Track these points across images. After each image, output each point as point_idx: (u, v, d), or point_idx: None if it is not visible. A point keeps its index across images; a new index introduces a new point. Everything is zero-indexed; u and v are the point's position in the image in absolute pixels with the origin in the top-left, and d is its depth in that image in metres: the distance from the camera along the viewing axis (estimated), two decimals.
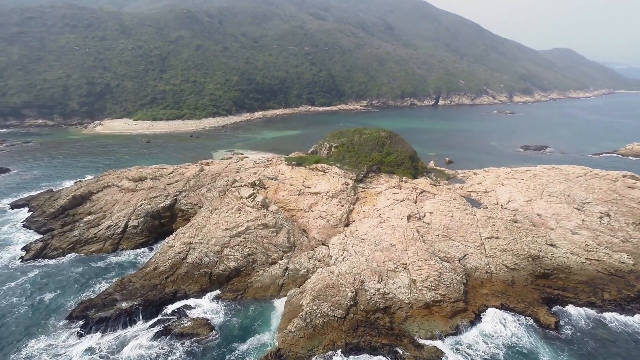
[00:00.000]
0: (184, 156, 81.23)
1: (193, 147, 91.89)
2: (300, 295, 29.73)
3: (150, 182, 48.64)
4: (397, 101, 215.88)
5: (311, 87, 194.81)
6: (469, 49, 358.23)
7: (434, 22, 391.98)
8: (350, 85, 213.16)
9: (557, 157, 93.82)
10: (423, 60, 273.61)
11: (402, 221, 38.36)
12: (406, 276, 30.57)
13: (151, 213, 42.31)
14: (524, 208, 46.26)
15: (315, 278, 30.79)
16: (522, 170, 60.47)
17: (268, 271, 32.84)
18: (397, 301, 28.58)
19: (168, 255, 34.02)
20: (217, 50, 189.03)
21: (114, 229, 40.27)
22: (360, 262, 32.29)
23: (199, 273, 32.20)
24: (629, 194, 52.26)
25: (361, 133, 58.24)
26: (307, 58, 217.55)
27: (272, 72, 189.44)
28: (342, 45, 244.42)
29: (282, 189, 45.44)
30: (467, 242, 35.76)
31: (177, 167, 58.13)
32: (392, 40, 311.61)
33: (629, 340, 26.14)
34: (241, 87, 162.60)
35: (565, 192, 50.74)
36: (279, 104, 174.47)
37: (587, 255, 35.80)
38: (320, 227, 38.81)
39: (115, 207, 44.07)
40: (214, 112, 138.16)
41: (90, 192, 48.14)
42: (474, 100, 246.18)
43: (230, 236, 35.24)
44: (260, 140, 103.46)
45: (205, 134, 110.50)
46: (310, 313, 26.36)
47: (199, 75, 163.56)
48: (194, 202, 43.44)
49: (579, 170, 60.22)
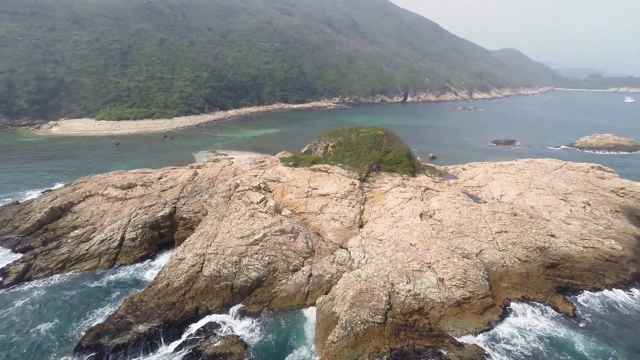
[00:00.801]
0: (162, 159, 76.27)
1: (170, 149, 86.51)
2: (330, 302, 28.91)
3: (141, 189, 44.79)
4: (368, 98, 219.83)
5: (283, 84, 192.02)
6: (430, 48, 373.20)
7: (396, 20, 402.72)
8: (322, 83, 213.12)
9: (526, 151, 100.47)
10: (389, 58, 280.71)
11: (415, 220, 38.76)
12: (433, 275, 30.87)
13: (149, 223, 38.96)
14: (517, 201, 48.84)
15: (343, 283, 30.11)
16: (506, 165, 63.89)
17: (292, 279, 31.55)
18: (428, 301, 28.76)
19: (180, 269, 31.48)
20: (184, 45, 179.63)
21: (108, 243, 36.54)
22: (385, 264, 32.10)
23: (219, 287, 30.12)
24: (601, 184, 57.15)
25: (358, 132, 58.06)
26: (277, 54, 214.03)
27: (243, 68, 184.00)
28: (312, 41, 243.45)
29: (288, 192, 43.97)
30: (480, 238, 36.96)
31: (164, 170, 54.25)
32: (358, 37, 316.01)
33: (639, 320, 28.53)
34: (212, 84, 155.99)
35: (549, 184, 54.32)
36: (252, 101, 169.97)
37: (583, 243, 38.53)
38: (335, 230, 38.07)
39: (106, 219, 40.01)
40: (185, 110, 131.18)
41: (71, 203, 43.32)
42: (438, 97, 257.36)
43: (247, 245, 33.39)
44: (241, 139, 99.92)
45: (179, 134, 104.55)
46: (350, 321, 25.67)
47: (165, 71, 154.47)
48: (196, 210, 40.63)
49: (555, 163, 64.86)
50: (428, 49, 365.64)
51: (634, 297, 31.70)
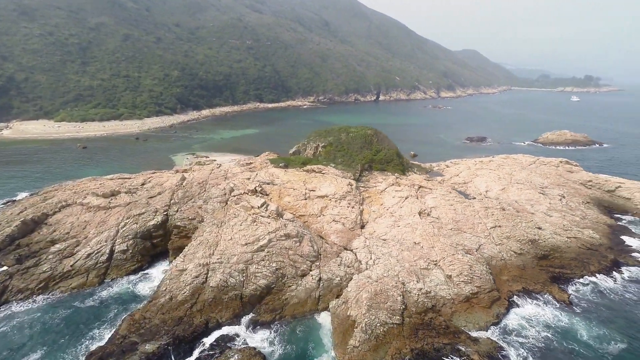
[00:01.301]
0: (139, 162, 71.93)
1: (145, 152, 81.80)
2: (344, 305, 28.67)
3: (126, 196, 41.82)
4: (342, 97, 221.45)
5: (257, 83, 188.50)
6: (398, 47, 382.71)
7: (365, 20, 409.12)
8: (296, 81, 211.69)
9: (497, 147, 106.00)
10: (361, 57, 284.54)
11: (415, 218, 39.46)
12: (440, 273, 31.57)
13: (141, 233, 36.47)
14: (502, 196, 51.31)
15: (355, 285, 29.99)
16: (486, 161, 66.97)
17: (301, 284, 30.89)
18: (440, 298, 29.36)
19: (183, 280, 29.75)
20: (150, 41, 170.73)
21: (96, 257, 33.74)
22: (393, 264, 32.36)
23: (228, 297, 28.80)
24: (571, 177, 61.55)
25: (347, 132, 58.11)
26: (250, 52, 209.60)
27: (215, 67, 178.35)
28: (284, 40, 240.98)
29: (285, 194, 43.05)
30: (477, 233, 38.36)
31: (146, 175, 51.20)
32: (330, 36, 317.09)
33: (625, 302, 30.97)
34: (183, 83, 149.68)
35: (528, 179, 57.60)
36: (225, 100, 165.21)
37: (566, 234, 41.23)
38: (338, 232, 37.80)
39: (90, 231, 36.92)
40: (156, 110, 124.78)
41: (45, 215, 39.54)
42: (409, 96, 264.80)
43: (252, 251, 32.24)
44: (219, 140, 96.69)
45: (152, 136, 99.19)
46: (370, 323, 25.56)
47: (131, 69, 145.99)
48: (191, 217, 38.58)
49: (529, 158, 68.92)
50: (396, 48, 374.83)
51: (617, 282, 34.38)
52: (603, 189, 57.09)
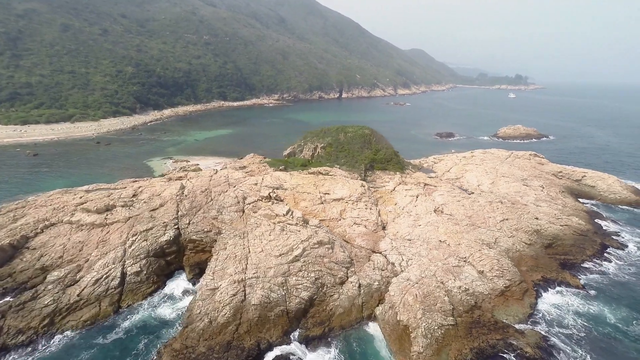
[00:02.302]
0: (109, 170, 64.87)
1: (112, 157, 73.80)
2: (391, 311, 28.46)
3: (123, 210, 37.20)
4: (307, 94, 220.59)
5: (219, 80, 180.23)
6: (354, 46, 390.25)
7: (321, 18, 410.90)
8: (259, 79, 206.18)
9: (465, 142, 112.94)
10: (321, 55, 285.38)
11: (432, 216, 40.43)
12: (472, 269, 32.67)
13: (153, 251, 32.73)
14: (493, 189, 54.69)
15: (397, 289, 29.89)
16: (469, 156, 70.87)
17: (343, 292, 29.99)
18: (478, 294, 30.35)
19: (219, 300, 27.26)
20: (95, 33, 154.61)
21: (106, 283, 29.56)
22: (426, 264, 32.81)
23: (274, 314, 26.97)
24: (543, 168, 67.58)
25: (345, 132, 57.69)
26: (208, 48, 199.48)
27: (172, 63, 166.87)
28: (243, 36, 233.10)
29: (301, 199, 41.49)
30: (490, 227, 40.39)
31: (134, 185, 46.21)
32: (287, 33, 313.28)
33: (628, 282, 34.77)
34: (140, 80, 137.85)
35: (510, 172, 62.04)
36: (187, 99, 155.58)
37: (559, 222, 45.10)
38: (362, 235, 37.37)
39: (89, 253, 32.25)
40: (113, 111, 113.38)
41: (25, 237, 33.82)
42: (370, 93, 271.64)
43: (288, 262, 30.56)
44: (193, 142, 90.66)
45: (115, 139, 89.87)
46: (428, 327, 25.59)
47: (76, 63, 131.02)
48: (206, 229, 35.47)
49: (504, 152, 74.30)
50: (353, 47, 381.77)
51: (612, 263, 38.47)
52: (572, 179, 63.54)
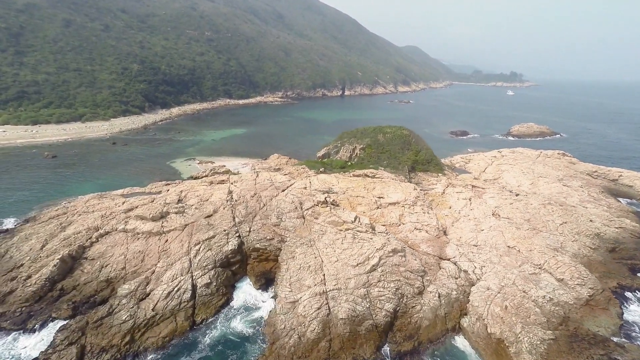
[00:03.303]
0: (135, 172, 62.66)
1: (133, 159, 71.31)
2: (479, 323, 27.42)
3: (178, 217, 35.40)
4: (310, 92, 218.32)
5: (224, 78, 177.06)
6: (353, 42, 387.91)
7: (319, 14, 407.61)
8: (262, 76, 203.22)
9: (481, 140, 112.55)
10: (322, 52, 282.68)
11: (492, 220, 39.45)
12: (550, 277, 31.72)
13: (220, 261, 31.11)
14: (535, 190, 53.97)
15: (480, 299, 28.84)
16: (498, 156, 70.17)
17: (425, 303, 28.80)
18: (564, 304, 29.35)
19: (303, 314, 25.85)
20: (97, 29, 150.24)
21: (178, 296, 27.88)
22: (502, 272, 31.79)
23: (364, 328, 25.67)
24: (577, 168, 67.20)
25: (384, 132, 56.37)
26: (211, 45, 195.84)
27: (177, 60, 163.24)
28: (245, 32, 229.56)
29: (356, 203, 40.12)
30: (552, 231, 39.56)
31: (173, 188, 44.30)
32: (286, 29, 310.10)
33: None
34: (146, 78, 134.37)
35: (545, 172, 61.46)
36: (193, 97, 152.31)
37: (613, 224, 44.39)
38: (425, 241, 36.20)
39: (153, 263, 30.48)
40: (122, 110, 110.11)
41: (82, 247, 31.91)
42: (371, 90, 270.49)
43: (366, 273, 29.24)
44: (211, 142, 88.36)
45: (130, 140, 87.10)
46: (531, 343, 24.57)
47: (81, 61, 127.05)
48: (269, 237, 33.91)
49: (534, 152, 73.77)
50: (352, 43, 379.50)
51: None
52: (608, 179, 63.24)
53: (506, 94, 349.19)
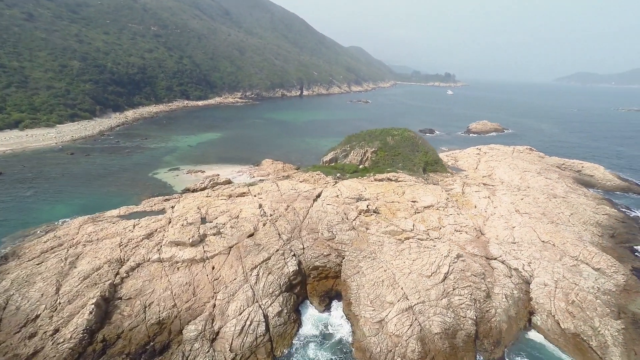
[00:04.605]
0: (115, 187, 54.74)
1: (105, 172, 61.96)
2: (550, 320, 28.65)
3: (218, 240, 31.21)
4: (270, 92, 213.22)
5: (179, 77, 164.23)
6: (303, 42, 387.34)
7: (267, 12, 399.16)
8: (219, 76, 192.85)
9: (448, 137, 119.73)
10: (276, 51, 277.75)
11: (518, 217, 41.69)
12: (588, 267, 34.35)
13: (284, 285, 28.05)
14: (525, 184, 58.61)
15: (541, 296, 30.18)
16: (482, 153, 75.03)
17: (497, 306, 29.13)
18: (611, 292, 31.78)
19: (397, 333, 24.44)
20: (18, 17, 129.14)
21: (253, 330, 24.39)
22: (550, 267, 33.62)
23: (460, 340, 25.04)
24: (546, 161, 74.70)
25: (392, 135, 56.45)
26: (159, 41, 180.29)
27: (123, 57, 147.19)
28: (194, 28, 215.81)
29: (395, 209, 39.33)
30: (566, 222, 43.08)
31: (163, 202, 39.41)
32: (234, 26, 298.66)
33: None
34: (91, 77, 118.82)
35: (527, 166, 67.23)
36: (147, 98, 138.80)
37: (599, 211, 49.99)
38: (469, 242, 36.85)
39: (209, 295, 26.32)
40: (69, 114, 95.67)
41: (113, 285, 26.52)
42: (328, 90, 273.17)
43: (441, 282, 28.69)
44: (189, 149, 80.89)
45: (89, 149, 75.86)
46: (612, 335, 26.14)
47: (3, 55, 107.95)
48: (325, 253, 31.52)
49: (508, 148, 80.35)
50: (302, 43, 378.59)
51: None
52: (573, 170, 71.34)
53: (446, 93, 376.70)
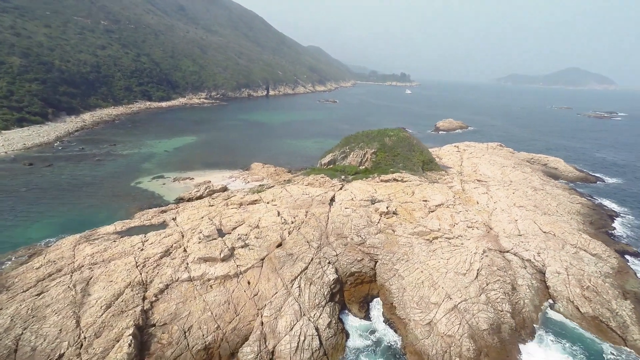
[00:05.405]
0: (96, 200, 49.70)
1: (79, 184, 55.68)
2: (570, 305, 30.89)
3: (247, 252, 29.39)
4: (236, 92, 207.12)
5: (138, 77, 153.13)
6: (264, 41, 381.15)
7: (225, 9, 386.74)
8: (181, 75, 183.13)
9: (421, 136, 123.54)
10: (239, 50, 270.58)
11: (518, 210, 44.52)
12: (586, 254, 37.53)
13: (328, 295, 27.16)
14: (507, 179, 62.97)
15: (557, 283, 32.50)
16: (462, 150, 79.15)
17: (523, 297, 30.71)
18: (610, 275, 34.78)
19: (448, 334, 24.87)
20: None
21: (308, 345, 23.22)
22: (557, 256, 36.20)
23: (506, 334, 26.03)
24: (517, 156, 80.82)
25: (388, 135, 57.29)
26: (112, 37, 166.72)
27: (72, 54, 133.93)
28: (150, 24, 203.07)
29: (410, 209, 39.92)
30: (555, 213, 46.85)
31: (159, 214, 36.89)
32: (191, 23, 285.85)
33: None
34: (37, 76, 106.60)
35: (504, 162, 72.24)
36: (104, 99, 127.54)
37: (574, 201, 55.29)
38: (482, 237, 38.39)
39: (252, 312, 24.63)
40: (16, 118, 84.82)
41: (143, 311, 23.85)
42: (294, 90, 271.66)
43: (476, 278, 29.67)
44: (167, 155, 75.53)
45: (50, 157, 67.81)
46: (629, 315, 28.80)
47: None
48: (358, 258, 31.04)
49: (482, 145, 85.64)
50: (263, 42, 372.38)
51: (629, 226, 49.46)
52: (541, 163, 78.00)
53: (405, 92, 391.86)
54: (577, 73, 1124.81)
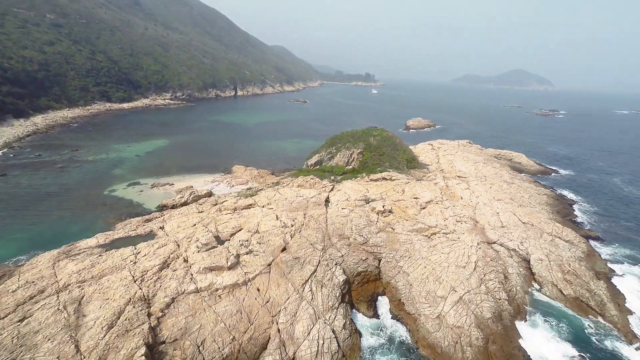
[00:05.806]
0: (68, 212, 45.91)
1: (44, 194, 50.91)
2: (554, 288, 33.50)
3: (253, 259, 28.53)
4: (202, 93, 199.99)
5: (95, 76, 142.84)
6: (228, 40, 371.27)
7: (185, 5, 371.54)
8: (143, 74, 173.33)
9: None
10: (202, 48, 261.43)
11: (498, 204, 47.38)
12: (561, 240, 40.92)
13: (340, 296, 27.13)
14: (480, 174, 66.89)
15: (541, 270, 35.10)
16: (435, 147, 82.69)
17: (515, 284, 32.84)
18: (583, 259, 38.51)
19: (457, 325, 25.99)
20: None
21: (327, 348, 23.00)
22: (537, 245, 39.08)
23: (507, 320, 27.64)
24: (486, 152, 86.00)
25: (373, 135, 58.30)
26: (61, 32, 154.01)
27: (15, 50, 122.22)
28: (104, 19, 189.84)
29: (404, 207, 40.96)
30: (529, 204, 50.46)
31: (144, 223, 35.39)
32: (148, 19, 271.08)
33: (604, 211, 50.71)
34: None
35: (475, 158, 76.61)
36: (57, 101, 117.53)
37: (542, 192, 60.06)
38: (470, 230, 40.29)
39: (266, 320, 23.97)
40: None
41: (151, 328, 22.36)
42: (262, 90, 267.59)
43: (474, 270, 31.19)
44: (138, 160, 71.09)
45: (2, 166, 61.08)
46: (605, 294, 31.78)
47: None
48: (363, 257, 31.28)
49: (454, 142, 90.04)
50: (227, 40, 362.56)
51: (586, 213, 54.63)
52: (506, 158, 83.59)
53: (371, 92, 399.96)
54: (522, 74, 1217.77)
